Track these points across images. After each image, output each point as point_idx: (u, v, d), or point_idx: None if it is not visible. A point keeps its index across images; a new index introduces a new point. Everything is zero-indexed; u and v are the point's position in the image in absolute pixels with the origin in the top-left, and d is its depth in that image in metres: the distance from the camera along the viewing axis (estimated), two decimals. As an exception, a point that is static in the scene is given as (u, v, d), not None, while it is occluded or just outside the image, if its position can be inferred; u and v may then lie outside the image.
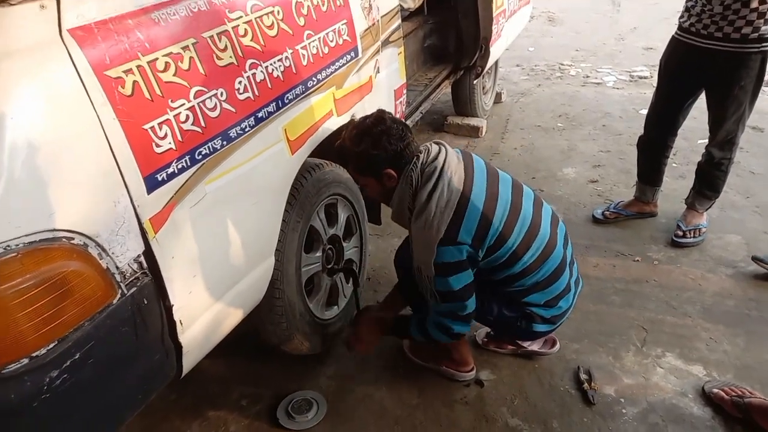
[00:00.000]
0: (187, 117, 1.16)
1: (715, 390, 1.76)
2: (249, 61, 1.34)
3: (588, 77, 4.81)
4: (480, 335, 2.02)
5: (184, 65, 1.16)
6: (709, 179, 2.52)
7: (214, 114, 1.23)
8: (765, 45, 2.17)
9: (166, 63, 1.12)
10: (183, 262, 1.20)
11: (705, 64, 2.28)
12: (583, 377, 1.85)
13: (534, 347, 1.94)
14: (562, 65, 5.13)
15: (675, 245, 2.51)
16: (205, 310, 1.30)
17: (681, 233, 2.52)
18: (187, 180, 1.18)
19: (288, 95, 1.48)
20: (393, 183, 1.58)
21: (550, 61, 5.24)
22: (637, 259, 2.45)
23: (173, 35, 1.15)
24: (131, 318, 1.08)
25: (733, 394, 1.72)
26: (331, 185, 1.81)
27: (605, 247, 2.53)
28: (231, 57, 1.29)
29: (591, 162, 3.33)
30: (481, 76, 3.42)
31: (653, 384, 1.84)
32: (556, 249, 1.64)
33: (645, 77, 4.69)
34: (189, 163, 1.18)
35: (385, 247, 2.56)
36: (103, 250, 1.01)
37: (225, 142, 1.27)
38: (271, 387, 1.88)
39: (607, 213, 2.73)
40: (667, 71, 2.47)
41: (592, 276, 2.34)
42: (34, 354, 0.93)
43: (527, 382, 1.87)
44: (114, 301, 1.04)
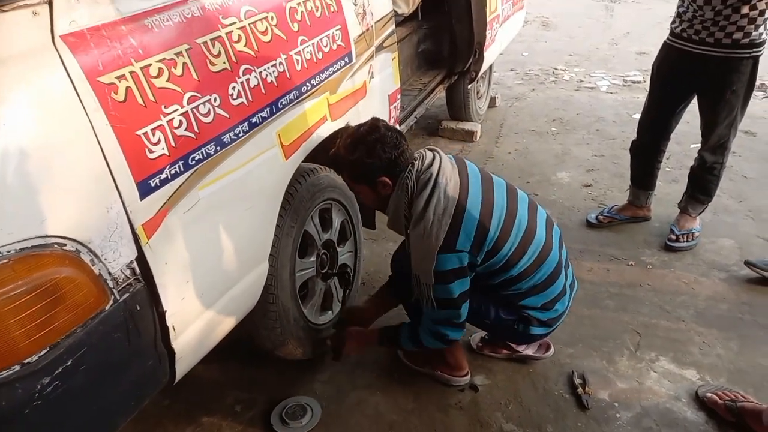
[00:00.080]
0: (181, 123, 1.16)
1: (709, 394, 1.77)
2: (243, 67, 1.34)
3: (582, 82, 4.84)
4: (474, 340, 2.02)
5: (177, 71, 1.17)
6: (702, 183, 2.53)
7: (207, 119, 1.23)
8: (756, 50, 2.19)
9: (159, 69, 1.12)
10: (176, 267, 1.20)
11: (697, 69, 2.30)
12: (578, 382, 1.85)
13: (528, 351, 1.94)
14: (555, 70, 5.16)
15: (668, 249, 2.53)
16: (198, 315, 1.30)
17: (674, 237, 2.54)
18: (180, 185, 1.18)
19: (282, 100, 1.48)
20: (388, 191, 1.58)
21: (544, 66, 5.27)
22: (631, 264, 2.46)
23: (166, 41, 1.15)
24: (124, 324, 1.08)
25: (726, 398, 1.72)
26: (326, 190, 1.81)
27: (599, 252, 2.54)
28: (225, 63, 1.29)
29: (585, 166, 3.34)
30: (476, 80, 3.43)
31: (647, 388, 1.85)
32: (551, 252, 1.65)
33: (638, 82, 4.72)
34: (182, 169, 1.17)
35: (380, 252, 2.56)
36: (96, 256, 1.01)
37: (218, 147, 1.27)
38: (265, 392, 1.87)
39: (601, 217, 2.74)
40: (660, 76, 2.48)
41: (586, 280, 2.35)
42: (25, 361, 0.92)
43: (522, 386, 1.87)
44: (106, 308, 1.04)
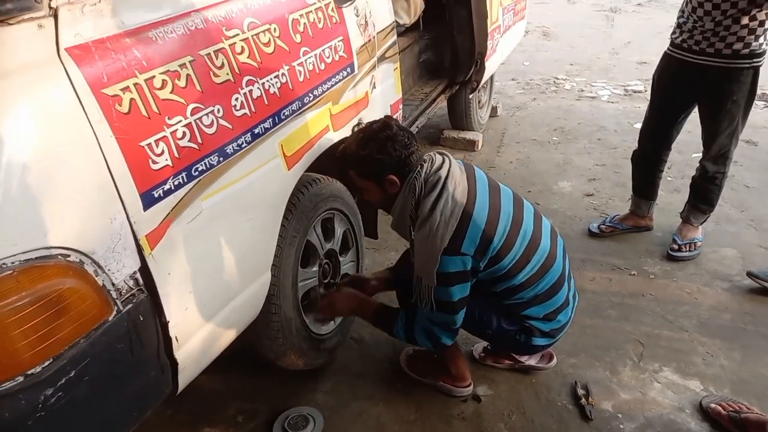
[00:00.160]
0: (184, 134, 1.17)
1: (713, 405, 1.76)
2: (246, 78, 1.35)
3: (583, 91, 4.85)
4: (477, 350, 2.01)
5: (181, 82, 1.17)
6: (704, 193, 2.53)
7: (210, 130, 1.24)
8: (756, 60, 2.20)
9: (163, 80, 1.13)
10: (179, 278, 1.20)
11: (697, 79, 2.31)
12: (581, 392, 1.84)
13: (531, 362, 1.93)
14: (557, 79, 5.18)
15: (671, 259, 2.52)
16: (201, 326, 1.30)
17: (676, 247, 2.53)
18: (184, 196, 1.18)
19: (284, 111, 1.49)
20: (395, 190, 1.58)
21: (545, 75, 5.29)
22: (633, 273, 2.45)
23: (170, 53, 1.16)
24: (127, 335, 1.08)
25: (730, 409, 1.71)
26: (328, 200, 1.82)
27: (601, 261, 2.54)
28: (228, 74, 1.30)
29: (586, 175, 3.35)
30: (477, 90, 3.44)
31: (650, 399, 1.84)
32: (556, 262, 1.65)
33: (639, 91, 4.74)
34: (185, 180, 1.18)
35: (382, 261, 2.55)
36: (99, 267, 1.01)
37: (221, 158, 1.27)
38: (268, 402, 1.87)
39: (603, 227, 2.74)
40: (660, 87, 2.49)
41: (588, 290, 2.34)
42: (29, 372, 0.92)
43: (524, 397, 1.86)
44: (110, 318, 1.04)
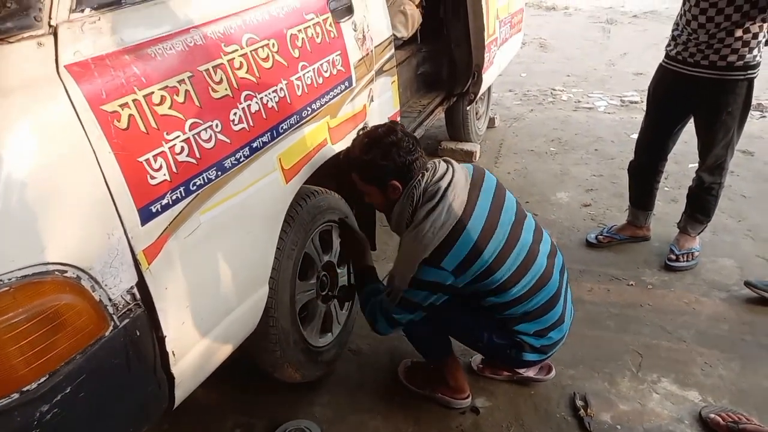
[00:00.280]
0: (182, 149, 1.18)
1: (712, 415, 1.75)
2: (244, 93, 1.36)
3: (579, 102, 4.88)
4: (475, 361, 2.01)
5: (179, 98, 1.18)
6: (701, 203, 2.54)
7: (209, 145, 1.25)
8: (751, 72, 2.22)
9: (161, 96, 1.14)
10: (176, 292, 1.20)
11: (692, 91, 2.33)
12: (579, 403, 1.84)
13: (530, 374, 1.93)
14: (554, 90, 5.21)
15: (668, 269, 2.52)
16: (198, 340, 1.30)
17: (674, 257, 2.54)
18: (182, 211, 1.18)
19: (283, 125, 1.50)
20: (396, 195, 1.58)
21: (542, 87, 5.32)
22: (631, 284, 2.46)
23: (169, 69, 1.17)
24: (123, 350, 1.08)
25: (729, 419, 1.71)
26: (326, 212, 1.82)
27: (599, 272, 2.54)
28: (226, 89, 1.31)
29: (584, 186, 3.36)
30: (474, 102, 3.47)
31: (649, 410, 1.83)
32: (551, 280, 1.63)
33: (636, 102, 4.76)
34: (183, 194, 1.19)
35: (380, 273, 2.53)
36: (96, 282, 1.02)
37: (220, 172, 1.28)
38: (265, 416, 1.86)
39: (601, 237, 2.74)
40: (655, 98, 2.51)
41: (586, 300, 2.34)
42: (24, 388, 0.92)
43: (523, 408, 1.86)
44: (106, 334, 1.04)
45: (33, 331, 0.91)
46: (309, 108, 1.61)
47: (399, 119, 2.34)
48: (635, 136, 2.73)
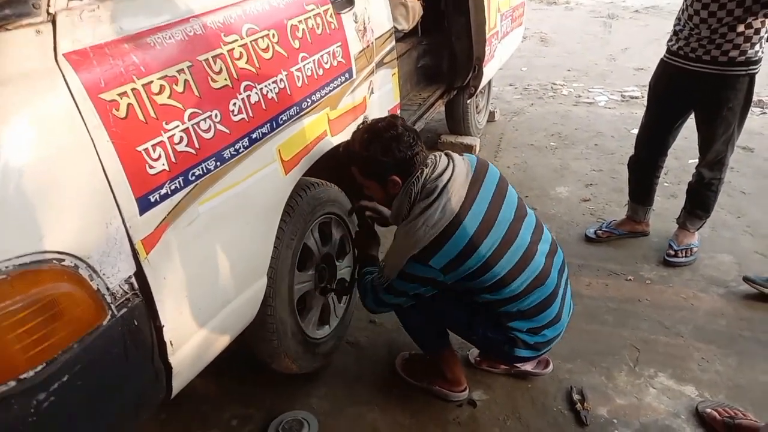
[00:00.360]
0: (181, 138, 1.17)
1: (708, 410, 1.76)
2: (244, 83, 1.35)
3: (580, 97, 4.87)
4: (473, 354, 2.01)
5: (179, 88, 1.18)
6: (700, 199, 2.54)
7: (208, 135, 1.24)
8: (752, 68, 2.21)
9: (161, 86, 1.14)
10: (174, 282, 1.20)
11: (693, 86, 2.32)
12: (576, 397, 1.85)
13: (527, 367, 1.93)
14: (554, 85, 5.20)
15: (667, 264, 2.53)
16: (196, 330, 1.30)
17: (673, 252, 2.54)
18: (180, 201, 1.18)
19: (282, 116, 1.49)
20: (396, 190, 1.57)
21: (542, 81, 5.31)
22: (630, 279, 2.46)
23: (168, 58, 1.17)
24: (121, 339, 1.08)
25: (726, 414, 1.72)
26: (326, 204, 1.82)
27: (598, 266, 2.54)
28: (226, 79, 1.30)
29: (584, 181, 3.35)
30: (475, 95, 3.46)
31: (646, 404, 1.84)
32: (548, 280, 1.61)
33: (636, 97, 4.75)
34: (182, 184, 1.18)
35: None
36: (94, 271, 1.01)
37: (219, 163, 1.27)
38: (262, 407, 1.86)
39: (600, 232, 2.74)
40: (656, 93, 2.50)
41: (585, 295, 2.35)
42: (22, 376, 0.92)
43: (520, 402, 1.86)
44: (104, 323, 1.04)
45: (30, 320, 0.91)
46: (309, 99, 1.61)
47: (399, 112, 2.33)
48: (635, 131, 2.72)
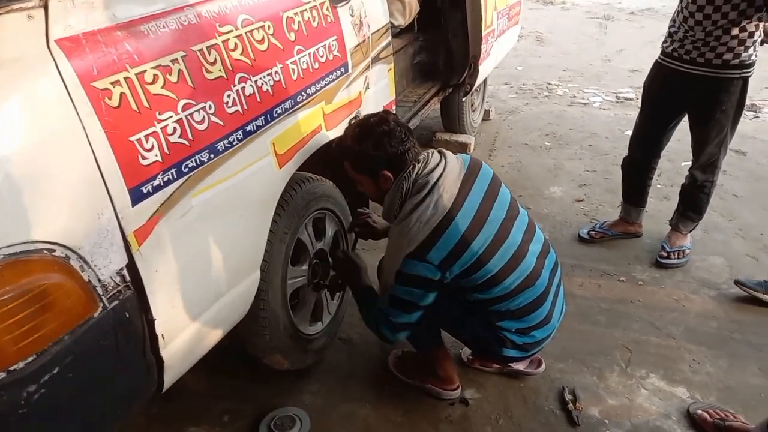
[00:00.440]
0: (175, 129, 1.16)
1: (699, 411, 1.77)
2: (238, 75, 1.34)
3: (575, 97, 4.88)
4: (465, 353, 2.01)
5: (172, 78, 1.16)
6: (693, 201, 2.55)
7: (201, 127, 1.23)
8: (746, 71, 2.22)
9: (154, 75, 1.12)
10: (167, 275, 1.18)
11: (687, 88, 2.33)
12: (568, 397, 1.85)
13: (519, 367, 1.93)
14: (549, 85, 5.20)
15: (659, 266, 2.54)
16: (188, 324, 1.29)
17: (665, 254, 2.55)
18: (173, 193, 1.17)
19: (277, 109, 1.48)
20: (388, 185, 1.57)
21: (537, 81, 5.31)
22: (622, 279, 2.47)
23: (162, 48, 1.15)
24: (112, 332, 1.06)
25: (716, 416, 1.72)
26: (320, 199, 1.81)
27: (591, 267, 2.55)
28: (220, 70, 1.29)
29: (577, 181, 3.36)
30: (470, 93, 3.45)
31: (637, 405, 1.84)
32: (538, 281, 1.61)
33: (631, 99, 4.77)
34: (175, 176, 1.17)
35: (373, 263, 2.52)
36: (85, 262, 1.00)
37: (212, 155, 1.26)
38: (254, 403, 1.85)
39: (593, 232, 2.75)
40: (650, 95, 2.51)
41: (577, 295, 2.35)
42: (12, 368, 0.90)
43: (512, 401, 1.86)
44: (95, 315, 1.02)
45: (20, 310, 0.90)
46: (304, 93, 1.60)
47: (394, 108, 2.32)
48: (629, 132, 2.73)
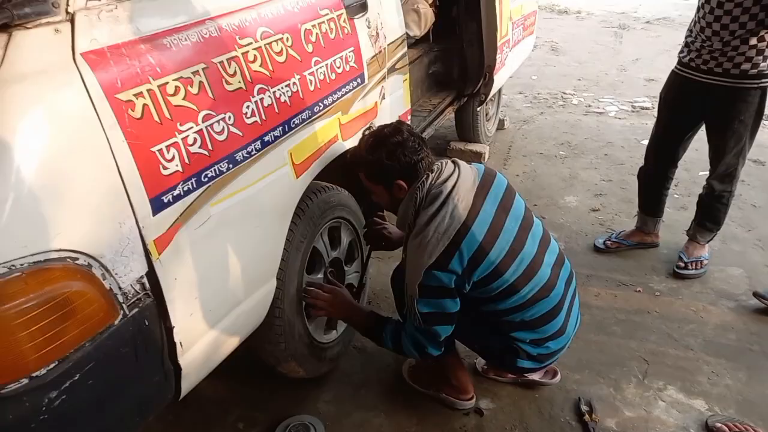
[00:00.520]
0: (195, 140, 1.18)
1: (718, 424, 1.74)
2: (257, 86, 1.36)
3: (590, 106, 4.86)
4: (480, 363, 2.00)
5: (193, 89, 1.18)
6: (710, 211, 2.52)
7: (221, 137, 1.25)
8: (764, 81, 2.20)
9: (176, 87, 1.14)
10: (185, 283, 1.20)
11: (704, 98, 2.31)
12: (584, 408, 1.83)
13: (534, 377, 1.92)
14: (564, 94, 5.19)
15: (676, 276, 2.51)
16: (206, 332, 1.30)
17: (683, 264, 2.52)
18: (193, 202, 1.19)
19: (294, 120, 1.50)
20: (402, 194, 1.57)
21: (552, 90, 5.30)
22: (639, 290, 2.44)
23: (184, 60, 1.17)
24: (132, 339, 1.08)
25: (736, 429, 1.70)
26: (336, 208, 1.82)
27: (606, 277, 2.53)
28: (240, 82, 1.31)
29: (593, 191, 3.34)
30: (485, 103, 3.46)
31: (655, 417, 1.82)
32: (553, 291, 1.60)
33: (647, 108, 4.74)
34: (195, 186, 1.19)
35: (387, 271, 2.53)
36: (107, 270, 1.02)
37: (231, 165, 1.28)
38: (269, 410, 1.86)
39: (609, 242, 2.73)
40: (667, 104, 2.49)
41: (593, 305, 2.33)
42: (34, 374, 0.92)
43: (527, 412, 1.85)
44: (116, 322, 1.04)
45: (43, 318, 0.91)
46: (321, 103, 1.61)
47: (410, 118, 2.34)
48: (645, 142, 2.71)
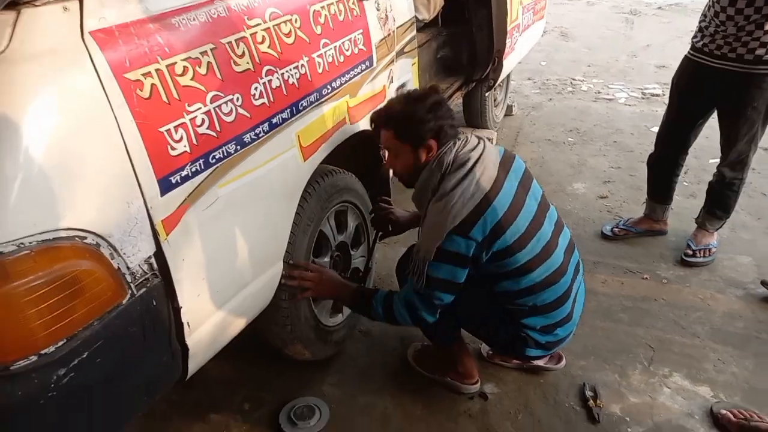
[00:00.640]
0: (203, 121, 1.18)
1: (723, 411, 1.74)
2: (265, 68, 1.35)
3: (600, 93, 4.81)
4: (485, 348, 2.00)
5: (201, 70, 1.18)
6: (720, 199, 2.50)
7: (229, 119, 1.24)
8: (779, 67, 2.17)
9: (184, 67, 1.14)
10: (193, 264, 1.20)
11: (717, 84, 2.28)
12: (589, 394, 1.83)
13: (539, 362, 1.92)
14: (573, 80, 5.14)
15: (684, 264, 2.49)
16: (213, 313, 1.31)
17: (691, 252, 2.51)
18: (201, 183, 1.19)
19: (302, 102, 1.49)
20: (429, 157, 1.53)
21: (561, 76, 5.25)
22: (646, 277, 2.43)
23: (192, 40, 1.17)
24: (140, 319, 1.09)
25: (741, 416, 1.70)
26: (343, 192, 1.82)
27: (614, 264, 2.52)
28: (248, 63, 1.30)
29: (601, 178, 3.32)
30: (493, 88, 3.43)
31: (660, 404, 1.82)
32: (564, 276, 1.60)
33: (657, 95, 4.68)
34: (203, 167, 1.18)
35: (393, 256, 2.54)
36: (115, 250, 1.02)
37: (239, 146, 1.28)
38: (274, 392, 1.88)
39: (617, 229, 2.71)
40: (679, 90, 2.46)
41: (600, 292, 2.33)
42: (42, 351, 0.93)
43: (532, 397, 1.86)
44: (124, 302, 1.05)
45: (52, 296, 0.92)
46: (329, 86, 1.60)
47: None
48: (655, 129, 2.69)
